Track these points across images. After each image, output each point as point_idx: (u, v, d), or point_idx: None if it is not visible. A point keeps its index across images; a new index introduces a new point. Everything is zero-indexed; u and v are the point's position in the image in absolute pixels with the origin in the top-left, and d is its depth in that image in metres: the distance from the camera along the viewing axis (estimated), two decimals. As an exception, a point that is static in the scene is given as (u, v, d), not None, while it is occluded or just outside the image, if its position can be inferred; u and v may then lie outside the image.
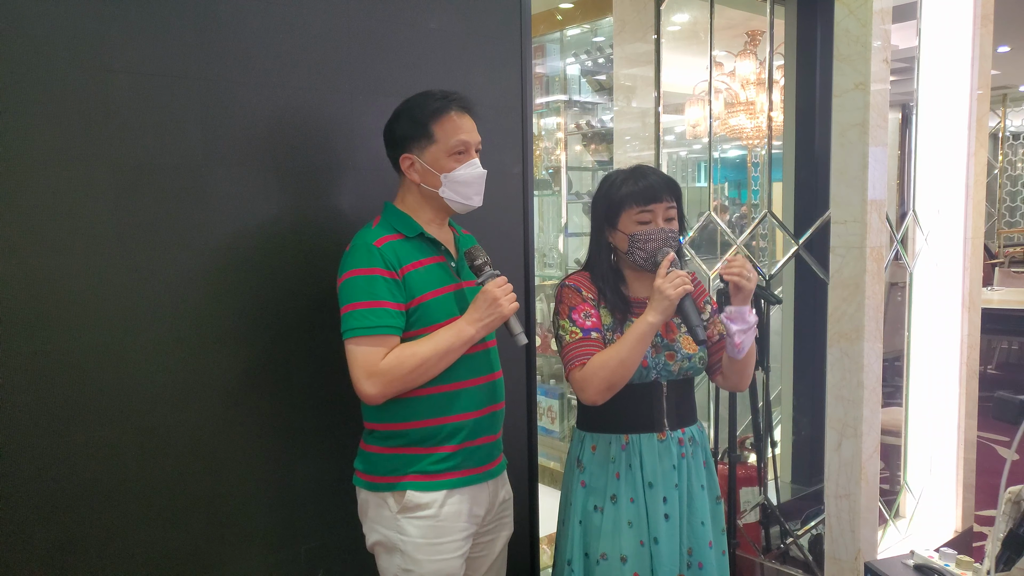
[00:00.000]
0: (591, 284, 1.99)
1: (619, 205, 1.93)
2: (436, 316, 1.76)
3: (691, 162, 9.21)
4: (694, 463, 2.00)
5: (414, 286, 1.75)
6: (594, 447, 2.00)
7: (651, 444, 1.95)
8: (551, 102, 5.03)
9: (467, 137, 1.79)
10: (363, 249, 1.73)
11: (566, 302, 1.97)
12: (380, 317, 1.69)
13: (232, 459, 1.86)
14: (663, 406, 1.96)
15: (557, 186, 4.99)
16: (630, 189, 1.92)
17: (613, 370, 1.84)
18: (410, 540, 1.76)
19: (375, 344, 1.68)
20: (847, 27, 2.67)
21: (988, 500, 3.91)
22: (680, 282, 1.81)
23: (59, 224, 1.62)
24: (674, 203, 1.94)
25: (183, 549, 1.80)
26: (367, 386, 1.68)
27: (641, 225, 1.91)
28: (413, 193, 1.83)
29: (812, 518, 3.24)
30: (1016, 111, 11.69)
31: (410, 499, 1.76)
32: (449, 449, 1.79)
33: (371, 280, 1.70)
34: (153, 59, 1.72)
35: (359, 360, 1.68)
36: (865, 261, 2.67)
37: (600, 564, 1.93)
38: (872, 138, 2.65)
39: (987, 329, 4.80)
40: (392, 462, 1.78)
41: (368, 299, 1.69)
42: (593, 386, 1.86)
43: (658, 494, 1.93)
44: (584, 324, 1.93)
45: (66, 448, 1.64)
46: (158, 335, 1.75)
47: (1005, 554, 1.79)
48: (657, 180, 1.92)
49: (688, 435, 2.00)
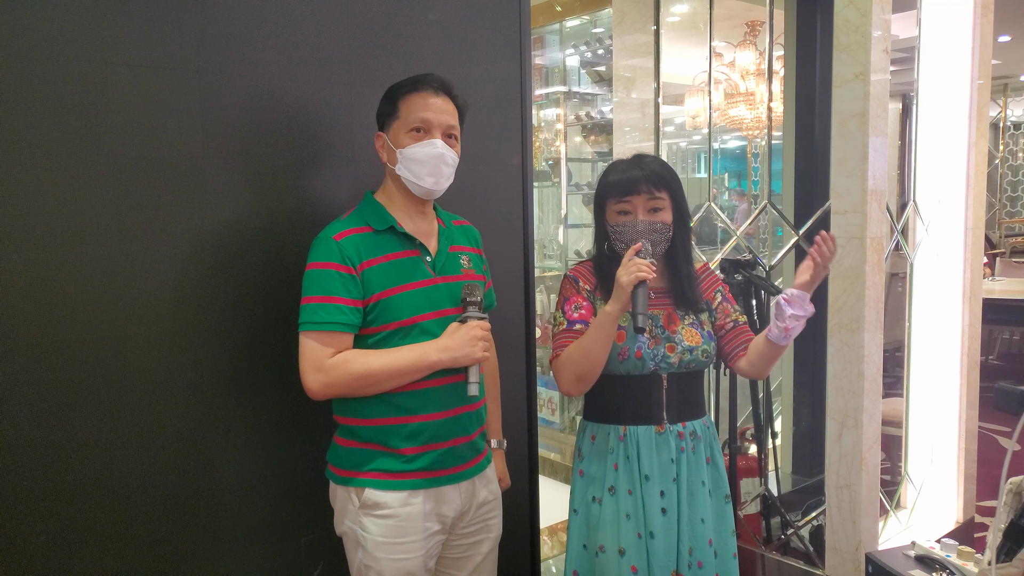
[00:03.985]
0: (591, 274, 2.00)
1: (603, 196, 1.95)
2: (400, 312, 1.73)
3: (691, 153, 9.20)
4: (695, 458, 1.96)
5: (374, 282, 1.71)
6: (594, 437, 2.00)
7: (648, 437, 1.93)
8: (550, 93, 5.03)
9: (431, 116, 1.74)
10: (323, 243, 1.72)
11: (563, 293, 1.99)
12: (330, 313, 1.67)
13: (232, 451, 1.86)
14: (662, 399, 1.94)
15: (557, 177, 4.98)
16: (610, 179, 1.94)
17: (577, 360, 1.86)
18: (370, 537, 1.73)
19: (323, 340, 1.67)
20: (847, 17, 2.66)
21: (989, 491, 3.91)
22: (635, 269, 1.77)
23: (58, 217, 1.61)
24: (661, 194, 1.90)
25: (184, 541, 1.80)
26: (311, 380, 1.67)
27: (621, 216, 1.91)
28: (386, 178, 1.82)
29: (813, 509, 3.24)
30: (1017, 101, 11.67)
31: (368, 497, 1.73)
32: (412, 451, 1.74)
33: (325, 275, 1.69)
34: (152, 52, 1.71)
35: (307, 354, 1.68)
36: (865, 251, 2.66)
37: (599, 556, 1.92)
38: (872, 128, 2.64)
39: (988, 319, 4.81)
40: (354, 457, 1.76)
41: (321, 294, 1.68)
42: (564, 376, 1.90)
43: (655, 487, 1.91)
44: (571, 316, 1.94)
45: (66, 441, 1.64)
46: (158, 328, 1.74)
47: (1006, 544, 1.79)
48: (639, 172, 1.90)
49: (690, 429, 1.96)
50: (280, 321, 1.88)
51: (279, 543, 1.95)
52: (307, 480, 1.97)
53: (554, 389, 4.87)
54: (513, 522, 2.06)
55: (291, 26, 1.90)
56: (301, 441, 1.96)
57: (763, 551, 3.12)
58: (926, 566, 2.48)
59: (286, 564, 1.96)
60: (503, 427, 2.10)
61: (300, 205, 1.93)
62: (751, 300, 3.01)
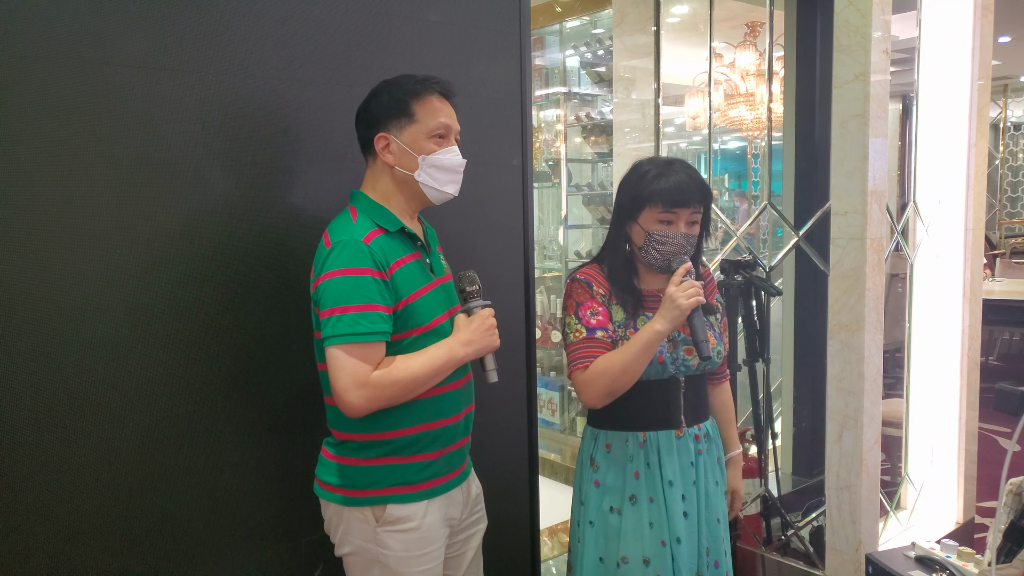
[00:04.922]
0: (603, 278, 1.93)
1: (644, 200, 1.85)
2: (421, 317, 1.67)
3: (691, 154, 9.19)
4: (709, 459, 1.97)
5: (401, 286, 1.64)
6: (608, 445, 1.94)
7: (669, 441, 1.91)
8: (551, 94, 5.03)
9: (448, 121, 1.70)
10: (352, 246, 1.59)
11: (574, 297, 1.91)
12: (373, 322, 1.56)
13: (233, 452, 1.86)
14: (680, 402, 1.92)
15: (557, 178, 4.98)
16: (660, 186, 1.83)
17: (615, 377, 1.80)
18: (392, 554, 1.67)
19: (365, 352, 1.56)
20: (847, 18, 2.66)
21: (989, 491, 3.91)
22: (694, 292, 1.75)
23: (58, 218, 1.61)
24: (701, 208, 1.87)
25: (183, 541, 1.80)
26: (355, 397, 1.55)
27: (662, 225, 1.84)
28: (385, 179, 1.72)
29: (813, 510, 3.24)
30: (1017, 101, 11.67)
31: (391, 513, 1.67)
32: (430, 456, 1.71)
33: (362, 281, 1.56)
34: (152, 53, 1.71)
35: (348, 369, 1.54)
36: (865, 252, 2.66)
37: (621, 567, 1.88)
38: (872, 129, 2.64)
39: (988, 320, 4.80)
40: (372, 475, 1.68)
41: (359, 302, 1.55)
42: (594, 391, 1.83)
43: (677, 492, 1.89)
44: (590, 323, 1.86)
45: (67, 442, 1.64)
46: (157, 329, 1.74)
47: (1006, 545, 1.79)
48: (689, 183, 1.83)
49: (703, 431, 1.96)
50: (280, 323, 1.89)
51: (279, 544, 1.95)
52: (307, 481, 1.96)
53: (554, 390, 4.87)
54: (513, 522, 2.05)
55: (291, 27, 1.90)
56: (301, 442, 1.95)
57: (763, 552, 3.12)
58: (926, 567, 2.48)
59: (286, 565, 1.96)
60: (503, 427, 2.10)
61: (300, 206, 1.93)
62: (751, 301, 3.01)
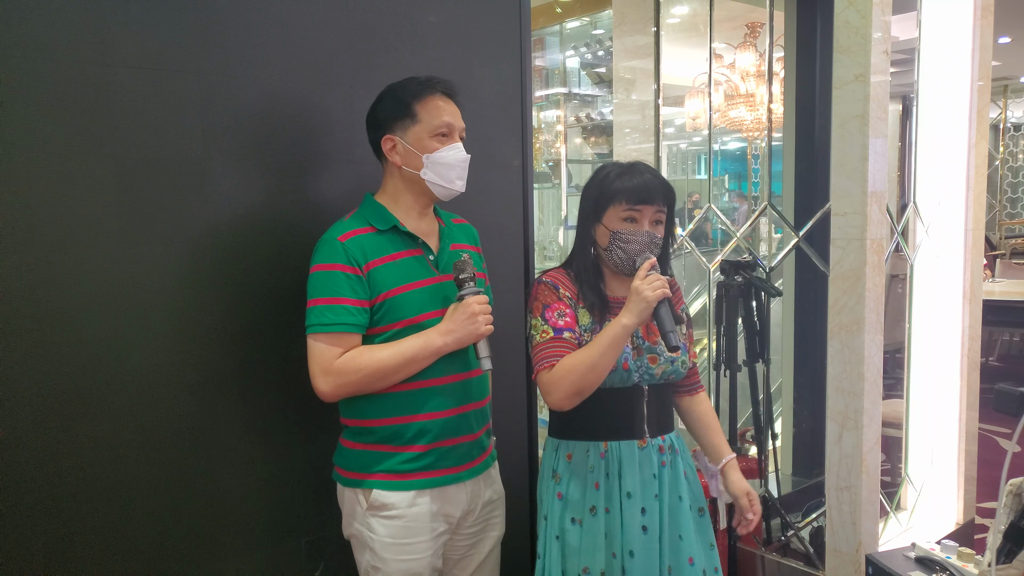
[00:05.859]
0: (570, 282, 1.90)
1: (608, 198, 1.85)
2: (405, 311, 1.73)
3: (691, 154, 9.20)
4: (673, 473, 1.91)
5: (380, 281, 1.72)
6: (570, 456, 1.90)
7: (631, 452, 1.87)
8: (551, 95, 5.03)
9: (451, 120, 1.77)
10: (327, 244, 1.72)
11: (541, 299, 1.88)
12: (338, 315, 1.68)
13: (234, 452, 1.86)
14: (644, 412, 1.88)
15: (557, 179, 4.99)
16: (623, 184, 1.83)
17: (582, 374, 1.76)
18: (378, 539, 1.74)
19: (332, 342, 1.68)
20: (847, 18, 2.66)
21: (989, 492, 3.91)
22: (660, 285, 1.73)
23: (59, 218, 1.61)
24: (665, 208, 1.86)
25: (184, 541, 1.80)
26: (321, 383, 1.68)
27: (626, 223, 1.83)
28: (394, 179, 1.80)
29: (813, 510, 3.24)
30: (1017, 102, 11.68)
31: (376, 498, 1.74)
32: (418, 449, 1.75)
33: (332, 276, 1.69)
34: (152, 54, 1.71)
35: (315, 356, 1.68)
36: (865, 253, 2.66)
37: None
38: (872, 130, 2.64)
39: (988, 321, 4.80)
40: (361, 459, 1.77)
41: (328, 295, 1.68)
42: (561, 390, 1.78)
43: (636, 505, 1.85)
44: (557, 324, 1.83)
45: (67, 442, 1.64)
46: (159, 329, 1.74)
47: (1006, 546, 1.79)
48: (653, 181, 1.84)
49: (668, 443, 1.92)
50: (281, 322, 1.89)
51: (280, 544, 1.95)
52: (308, 481, 1.97)
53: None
54: (513, 522, 2.05)
55: (291, 28, 1.90)
56: (302, 442, 1.96)
57: (763, 552, 3.12)
58: (926, 567, 2.48)
59: (287, 565, 1.96)
60: (503, 427, 2.10)
61: (301, 206, 1.93)
62: (751, 302, 3.01)
